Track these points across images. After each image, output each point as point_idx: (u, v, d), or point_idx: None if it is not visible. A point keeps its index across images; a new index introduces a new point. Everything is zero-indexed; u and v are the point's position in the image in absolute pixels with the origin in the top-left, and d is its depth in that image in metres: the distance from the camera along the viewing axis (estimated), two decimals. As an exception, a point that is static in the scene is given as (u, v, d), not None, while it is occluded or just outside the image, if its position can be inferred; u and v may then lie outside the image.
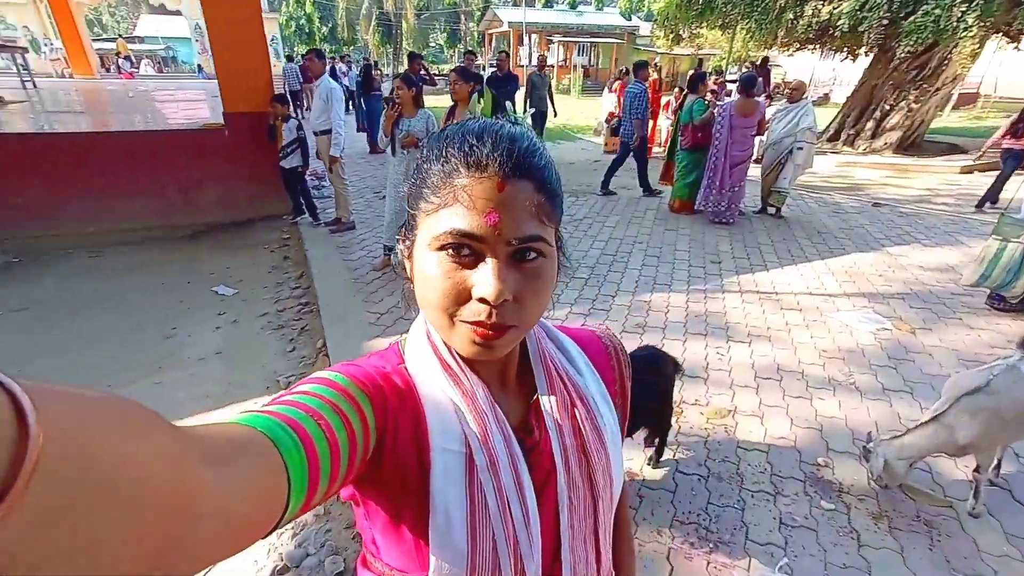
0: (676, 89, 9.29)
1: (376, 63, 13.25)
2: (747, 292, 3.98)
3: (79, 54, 14.11)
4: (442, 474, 0.49)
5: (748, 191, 5.90)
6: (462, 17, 32.69)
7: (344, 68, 14.27)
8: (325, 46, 31.31)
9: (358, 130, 10.38)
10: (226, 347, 3.23)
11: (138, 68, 21.77)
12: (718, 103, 5.99)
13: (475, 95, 3.84)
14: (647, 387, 1.99)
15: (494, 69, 7.31)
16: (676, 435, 2.43)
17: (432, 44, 37.39)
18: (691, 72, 6.66)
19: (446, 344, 0.53)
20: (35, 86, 10.80)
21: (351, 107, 11.42)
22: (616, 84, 9.76)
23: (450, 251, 0.45)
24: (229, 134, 4.85)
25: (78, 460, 0.20)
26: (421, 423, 0.51)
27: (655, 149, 9.14)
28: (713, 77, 9.89)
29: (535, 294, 0.47)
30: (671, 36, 11.56)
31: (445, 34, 35.76)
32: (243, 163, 4.94)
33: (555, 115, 8.66)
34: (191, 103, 7.47)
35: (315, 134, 4.83)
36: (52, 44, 18.31)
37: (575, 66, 24.71)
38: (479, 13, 29.61)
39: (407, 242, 0.52)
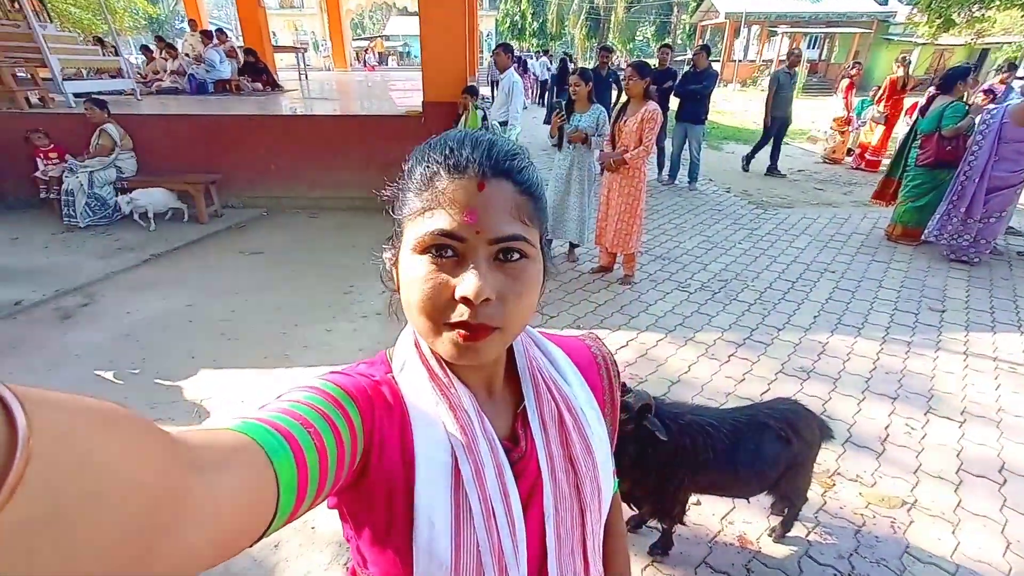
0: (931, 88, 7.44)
1: (571, 56, 13.44)
2: (976, 356, 3.05)
3: (340, 51, 17.16)
4: (427, 483, 0.49)
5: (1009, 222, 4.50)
6: (675, 9, 31.15)
7: (546, 62, 14.84)
8: (533, 40, 32.93)
9: (546, 122, 10.71)
10: (385, 310, 3.65)
11: (385, 62, 25.82)
12: (987, 108, 4.59)
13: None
14: (775, 445, 1.66)
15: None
16: (816, 511, 1.99)
17: (639, 37, 36.50)
18: (946, 67, 5.21)
19: (433, 352, 0.53)
20: (307, 77, 13.55)
21: (544, 100, 11.83)
22: (845, 83, 8.23)
23: (432, 252, 0.46)
24: (425, 121, 5.41)
25: (67, 467, 0.20)
26: (407, 432, 0.51)
27: (883, 161, 7.55)
28: (1001, 75, 7.69)
29: (518, 296, 0.47)
30: (937, 23, 9.28)
31: (654, 27, 34.56)
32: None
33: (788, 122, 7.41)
34: (409, 92, 8.55)
35: (495, 124, 5.11)
36: (326, 44, 22.75)
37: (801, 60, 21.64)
38: (694, 4, 27.83)
39: (392, 251, 0.52)
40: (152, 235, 4.87)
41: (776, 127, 7.23)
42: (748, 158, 7.67)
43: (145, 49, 9.56)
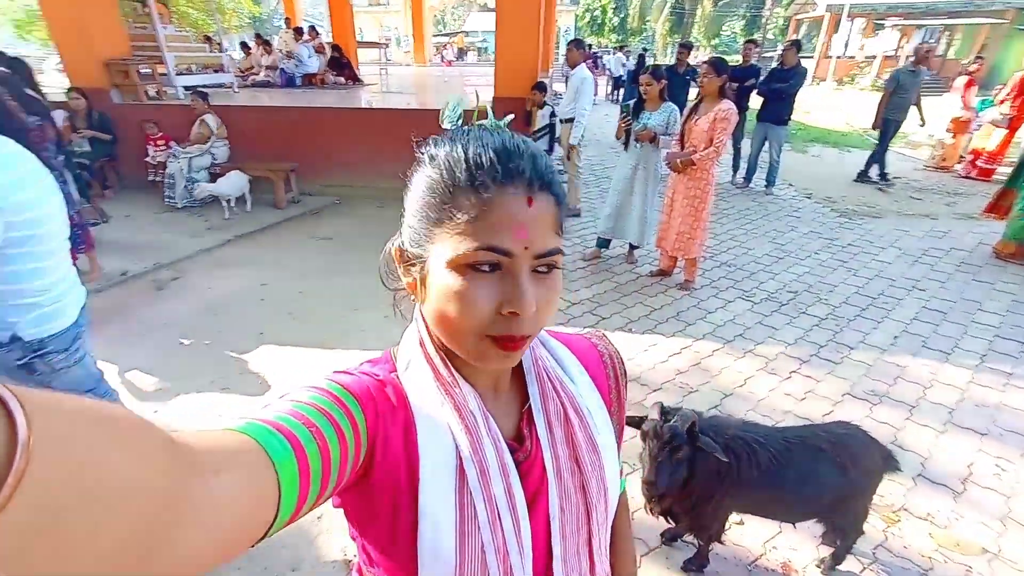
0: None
1: (649, 53, 13.04)
2: (1093, 396, 2.65)
3: (420, 47, 17.72)
4: (431, 483, 0.49)
5: None
6: (767, 2, 29.28)
7: (621, 58, 14.51)
8: (612, 36, 32.26)
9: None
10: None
11: (463, 58, 26.40)
12: None
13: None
14: (828, 470, 1.54)
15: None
16: (875, 547, 1.83)
17: (725, 32, 34.73)
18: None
19: (439, 353, 0.53)
20: (387, 72, 14.17)
21: (617, 97, 11.58)
22: (963, 80, 7.33)
23: (477, 267, 0.45)
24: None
25: (67, 470, 0.21)
26: (411, 432, 0.51)
27: (999, 169, 6.73)
28: None
29: (549, 304, 0.48)
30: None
31: (743, 21, 32.73)
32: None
33: (922, 124, 6.70)
34: (482, 88, 8.71)
35: (560, 121, 5.07)
36: (408, 39, 23.61)
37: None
38: (790, -4, 26.04)
39: (417, 260, 0.50)
40: (235, 218, 5.30)
41: (890, 130, 6.51)
42: (873, 168, 6.77)
43: (243, 45, 10.37)
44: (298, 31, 9.71)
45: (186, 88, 6.42)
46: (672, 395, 2.62)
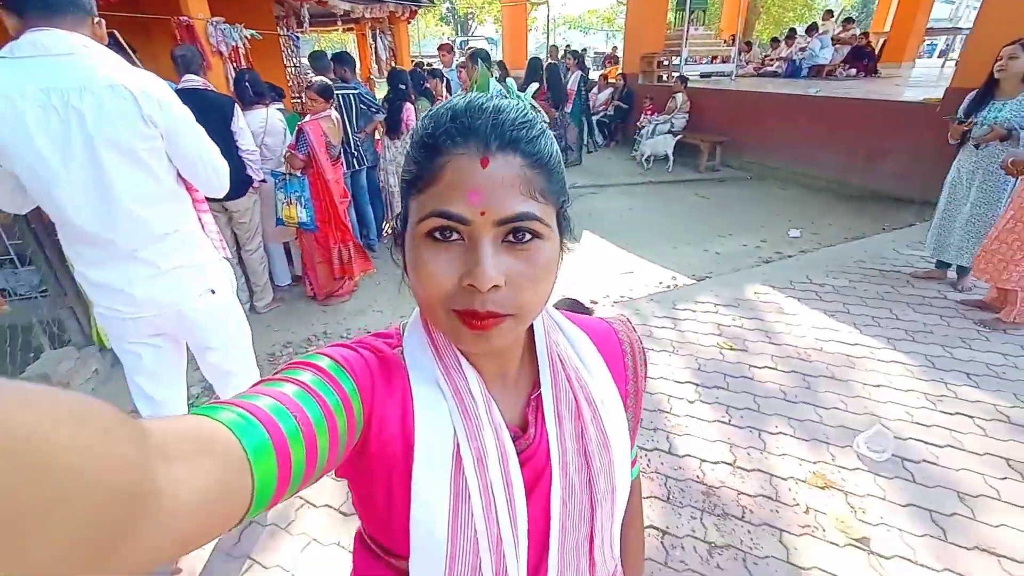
0: None
1: None
2: None
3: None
4: (425, 465, 0.48)
5: None
6: None
7: None
8: None
9: None
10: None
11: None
12: None
13: None
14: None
15: None
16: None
17: None
18: None
19: (442, 334, 0.52)
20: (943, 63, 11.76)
21: None
22: None
23: (436, 235, 0.43)
24: (940, 110, 4.71)
25: (28, 470, 0.19)
26: (408, 411, 0.50)
27: None
28: None
29: (532, 280, 0.44)
30: None
31: None
32: (928, 140, 4.79)
33: None
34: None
35: None
36: None
37: None
38: None
39: (398, 230, 0.50)
40: (655, 171, 7.09)
41: None
42: None
43: (774, 41, 11.38)
44: (848, 21, 9.91)
45: (703, 75, 8.38)
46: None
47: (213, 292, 1.56)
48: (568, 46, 12.50)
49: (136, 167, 1.34)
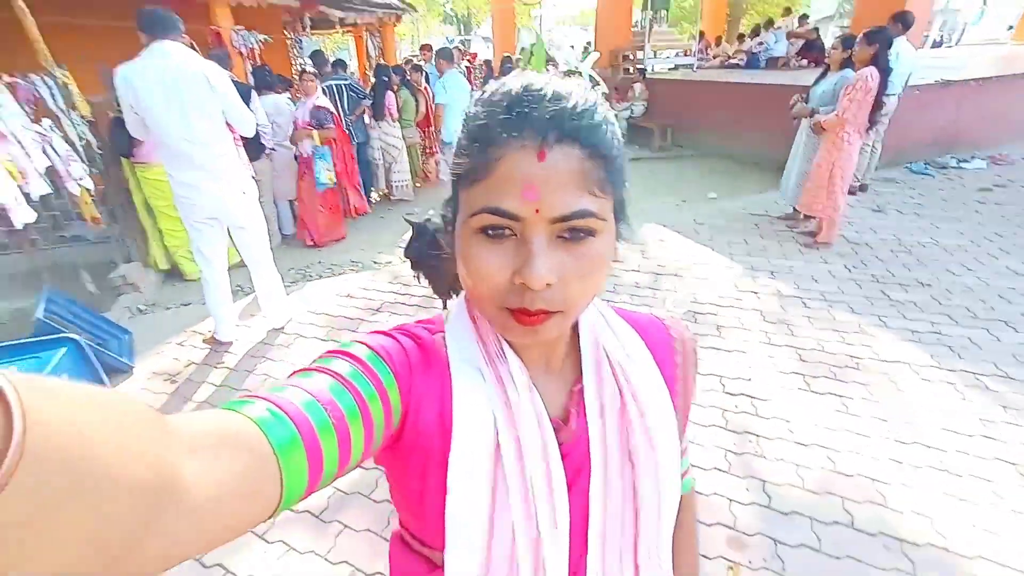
0: None
1: None
2: None
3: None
4: (464, 458, 0.46)
5: None
6: None
7: None
8: None
9: None
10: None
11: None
12: None
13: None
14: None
15: None
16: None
17: None
18: None
19: (487, 322, 0.50)
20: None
21: None
22: None
23: (488, 232, 0.41)
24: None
25: (59, 465, 0.20)
26: (447, 399, 0.49)
27: None
28: None
29: (583, 277, 0.42)
30: None
31: None
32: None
33: None
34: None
35: None
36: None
37: None
38: None
39: (449, 216, 0.49)
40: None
41: None
42: None
43: (740, 36, 12.28)
44: (803, 18, 10.83)
45: (638, 69, 9.37)
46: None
47: (244, 193, 2.66)
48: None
49: (205, 116, 2.43)
